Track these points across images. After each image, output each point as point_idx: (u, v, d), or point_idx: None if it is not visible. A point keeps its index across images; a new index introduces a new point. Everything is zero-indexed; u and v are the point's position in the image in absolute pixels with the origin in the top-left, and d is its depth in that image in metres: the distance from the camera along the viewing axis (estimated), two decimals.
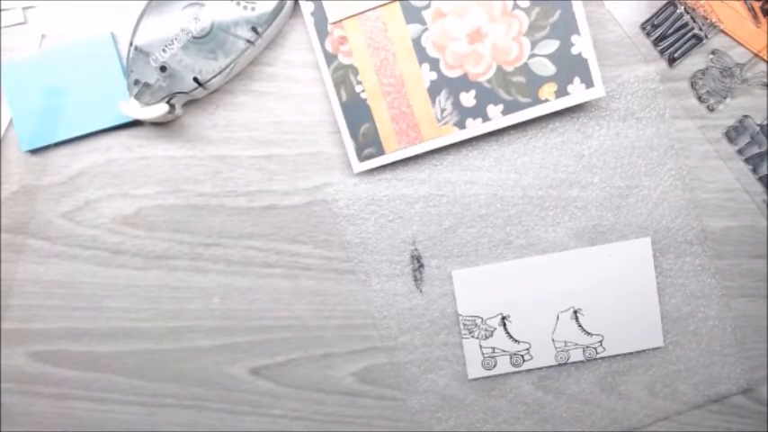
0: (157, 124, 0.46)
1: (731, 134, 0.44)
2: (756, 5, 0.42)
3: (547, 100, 0.42)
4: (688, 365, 0.45)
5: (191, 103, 0.46)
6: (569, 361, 0.45)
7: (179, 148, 0.46)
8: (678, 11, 0.43)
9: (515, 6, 0.42)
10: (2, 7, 0.46)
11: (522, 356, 0.45)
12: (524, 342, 0.45)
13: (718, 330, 0.45)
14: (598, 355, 0.45)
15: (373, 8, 0.43)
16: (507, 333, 0.45)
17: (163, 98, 0.43)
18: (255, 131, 0.46)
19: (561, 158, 0.45)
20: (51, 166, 0.47)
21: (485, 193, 0.45)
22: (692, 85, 0.44)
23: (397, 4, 0.43)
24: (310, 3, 0.43)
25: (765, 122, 0.43)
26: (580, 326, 0.45)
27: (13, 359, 0.49)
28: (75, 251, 0.47)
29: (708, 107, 0.44)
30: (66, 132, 0.46)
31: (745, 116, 0.43)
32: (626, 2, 0.44)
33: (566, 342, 0.45)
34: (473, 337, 0.45)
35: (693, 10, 0.43)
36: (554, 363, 0.45)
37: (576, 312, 0.45)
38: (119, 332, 0.48)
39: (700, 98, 0.44)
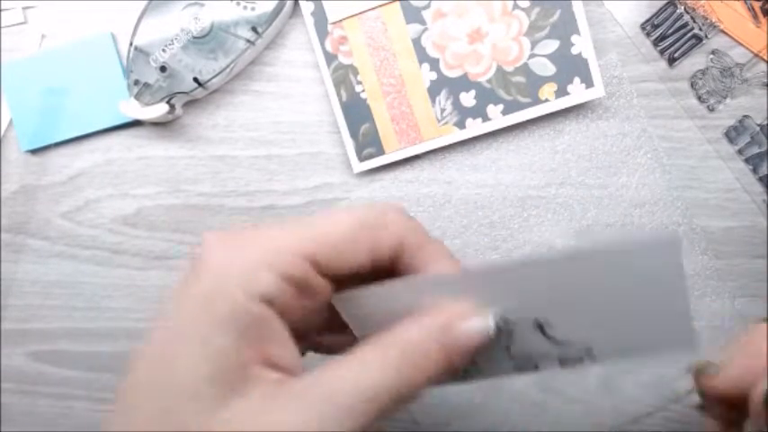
0: (157, 124, 0.46)
1: (731, 134, 0.44)
2: (756, 5, 0.42)
3: (547, 100, 0.42)
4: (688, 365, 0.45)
5: (191, 103, 0.46)
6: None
7: (179, 148, 0.46)
8: (678, 11, 0.43)
9: (515, 6, 0.42)
10: (1, 7, 0.46)
11: None
12: None
13: (719, 330, 0.45)
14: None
15: (373, 8, 0.43)
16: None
17: (163, 98, 0.43)
18: (255, 131, 0.46)
19: (535, 158, 0.45)
20: (51, 166, 0.47)
21: (485, 193, 0.45)
22: (692, 85, 0.44)
23: (397, 4, 0.43)
24: (310, 3, 0.43)
25: (765, 122, 0.43)
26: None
27: (12, 359, 0.49)
28: (75, 251, 0.47)
29: (708, 107, 0.44)
30: (66, 132, 0.46)
31: (745, 116, 0.43)
32: (626, 2, 0.44)
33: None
34: None
35: (693, 10, 0.43)
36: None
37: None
38: (119, 332, 0.48)
39: (700, 98, 0.44)
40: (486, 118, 0.43)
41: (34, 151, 0.47)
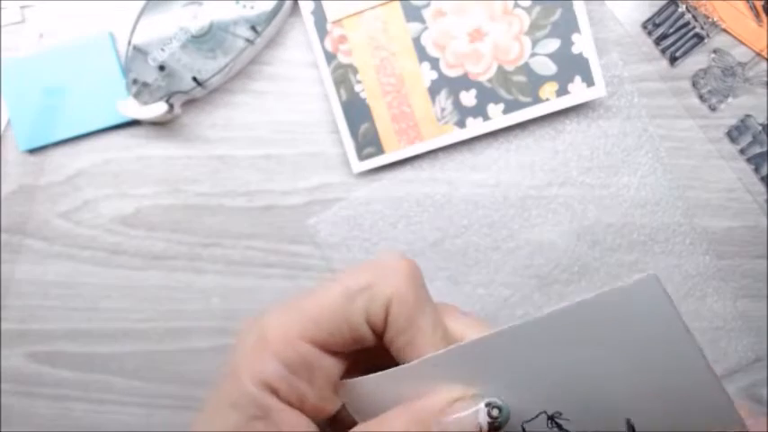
0: (156, 124, 0.46)
1: (733, 134, 0.43)
2: (758, 4, 0.42)
3: (548, 99, 0.42)
4: None
5: (189, 103, 0.46)
6: None
7: (178, 148, 0.46)
8: (680, 10, 0.43)
9: (516, 5, 0.42)
10: (0, 6, 0.46)
11: None
12: None
13: (721, 331, 0.45)
14: None
15: (373, 7, 0.43)
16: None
17: (161, 97, 0.43)
18: (254, 131, 0.46)
19: (536, 157, 0.44)
20: (49, 166, 0.47)
21: (486, 193, 0.45)
22: (694, 84, 0.43)
23: (397, 3, 0.42)
24: (310, 2, 0.43)
25: (767, 122, 0.43)
26: None
27: (10, 360, 0.48)
28: (74, 251, 0.47)
29: (709, 106, 0.44)
30: (65, 132, 0.46)
31: (747, 115, 0.43)
32: (627, 1, 0.43)
33: None
34: None
35: (695, 9, 0.43)
36: None
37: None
38: (117, 333, 0.48)
39: (701, 97, 0.44)
40: (486, 117, 0.43)
41: (32, 151, 0.47)
